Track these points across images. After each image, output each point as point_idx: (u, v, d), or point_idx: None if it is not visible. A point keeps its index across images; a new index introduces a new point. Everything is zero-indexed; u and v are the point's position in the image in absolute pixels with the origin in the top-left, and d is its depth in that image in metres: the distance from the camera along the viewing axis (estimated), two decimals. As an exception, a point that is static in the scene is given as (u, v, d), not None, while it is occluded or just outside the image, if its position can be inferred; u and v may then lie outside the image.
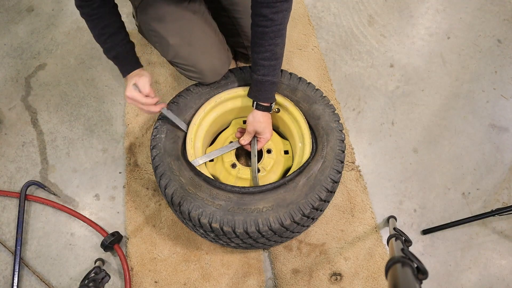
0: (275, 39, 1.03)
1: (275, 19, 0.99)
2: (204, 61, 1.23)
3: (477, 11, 1.85)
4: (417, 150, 1.49)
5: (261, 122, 1.17)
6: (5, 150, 1.47)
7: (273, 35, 1.02)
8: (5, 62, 1.67)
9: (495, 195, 1.41)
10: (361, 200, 1.36)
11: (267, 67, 1.08)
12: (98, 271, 1.02)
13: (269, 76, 1.10)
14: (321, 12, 1.83)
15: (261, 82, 1.11)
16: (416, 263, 0.63)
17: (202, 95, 1.23)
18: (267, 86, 1.12)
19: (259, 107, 1.16)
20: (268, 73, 1.09)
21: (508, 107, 1.59)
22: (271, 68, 1.09)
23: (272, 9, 0.97)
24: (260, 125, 1.17)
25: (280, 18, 0.99)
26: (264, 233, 0.99)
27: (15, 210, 1.34)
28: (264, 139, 1.21)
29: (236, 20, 1.37)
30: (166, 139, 1.13)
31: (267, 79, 1.10)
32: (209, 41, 1.26)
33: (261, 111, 1.16)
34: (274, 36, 1.02)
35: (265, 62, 1.07)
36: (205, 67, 1.23)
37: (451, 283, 1.26)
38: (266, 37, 1.02)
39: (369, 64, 1.68)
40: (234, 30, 1.40)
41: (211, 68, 1.24)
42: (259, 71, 1.09)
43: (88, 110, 1.55)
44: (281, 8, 0.97)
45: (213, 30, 1.29)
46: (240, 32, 1.40)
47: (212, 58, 1.24)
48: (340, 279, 1.23)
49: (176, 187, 1.03)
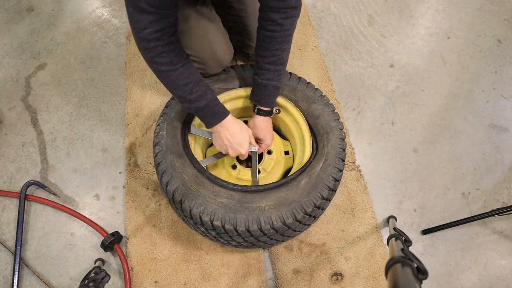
0: (283, 44, 1.03)
1: (284, 24, 0.98)
2: (207, 50, 1.22)
3: (477, 11, 1.85)
4: (417, 150, 1.49)
5: (263, 129, 1.17)
6: (5, 150, 1.47)
7: (281, 40, 1.01)
8: (5, 62, 1.67)
9: (495, 195, 1.41)
10: (361, 200, 1.36)
11: (272, 72, 1.07)
12: (98, 271, 1.02)
13: (274, 81, 1.09)
14: (321, 12, 1.83)
15: (265, 87, 1.10)
16: (416, 263, 0.63)
17: None
18: (270, 91, 1.11)
19: (260, 112, 1.15)
20: (273, 78, 1.08)
21: (508, 107, 1.60)
22: (276, 73, 1.08)
23: (282, 14, 0.96)
24: (262, 132, 1.17)
25: (288, 24, 0.99)
26: (266, 232, 0.99)
27: (15, 210, 1.34)
28: (265, 145, 1.21)
29: (240, 19, 1.36)
30: (168, 137, 1.13)
31: (271, 83, 1.09)
32: (213, 32, 1.25)
33: (262, 116, 1.15)
34: (282, 42, 1.02)
35: (270, 67, 1.06)
36: (208, 56, 1.22)
37: (451, 283, 1.26)
38: (273, 41, 1.02)
39: (369, 64, 1.68)
40: (235, 28, 1.40)
41: (214, 57, 1.23)
42: (264, 75, 1.08)
43: (88, 110, 1.55)
44: (291, 14, 0.97)
45: (217, 23, 1.29)
46: (242, 30, 1.39)
47: (215, 48, 1.23)
48: (341, 279, 1.23)
49: (178, 185, 1.03)
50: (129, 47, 1.68)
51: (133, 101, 1.54)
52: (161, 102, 1.53)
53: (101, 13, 1.81)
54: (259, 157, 1.23)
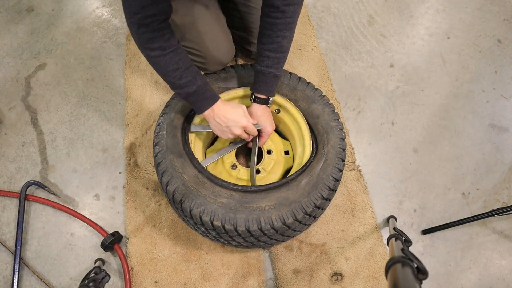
0: (284, 31, 1.03)
1: (286, 11, 0.99)
2: (209, 45, 1.23)
3: (477, 11, 1.85)
4: (417, 150, 1.49)
5: (260, 116, 1.16)
6: (5, 150, 1.47)
7: (282, 27, 1.02)
8: (5, 62, 1.67)
9: (495, 195, 1.41)
10: (361, 200, 1.36)
11: (271, 59, 1.07)
12: (98, 271, 1.02)
13: (272, 68, 1.09)
14: (321, 12, 1.83)
15: (263, 74, 1.10)
16: (416, 263, 0.63)
17: None
18: (268, 78, 1.11)
19: (256, 100, 1.14)
20: (272, 65, 1.08)
21: (508, 107, 1.60)
22: (275, 61, 1.08)
23: (284, 1, 0.97)
24: (259, 119, 1.16)
25: (291, 11, 0.99)
26: (266, 232, 0.99)
27: (15, 210, 1.34)
28: (266, 134, 1.19)
29: (245, 15, 1.36)
30: (168, 136, 1.12)
31: (270, 71, 1.09)
32: (216, 29, 1.26)
33: (259, 104, 1.15)
34: (283, 29, 1.02)
35: (270, 54, 1.07)
36: (209, 53, 1.23)
37: (451, 283, 1.26)
38: (275, 28, 1.02)
39: (369, 64, 1.68)
40: (241, 25, 1.40)
41: (215, 54, 1.24)
42: (263, 62, 1.08)
43: (88, 110, 1.55)
44: (293, 1, 0.97)
45: (221, 21, 1.29)
46: (246, 27, 1.40)
47: (217, 45, 1.24)
48: (341, 279, 1.23)
49: (178, 184, 1.03)
50: (129, 47, 1.68)
51: (133, 101, 1.54)
52: (161, 102, 1.53)
53: (101, 13, 1.81)
54: (259, 156, 1.23)
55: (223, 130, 1.10)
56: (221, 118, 1.07)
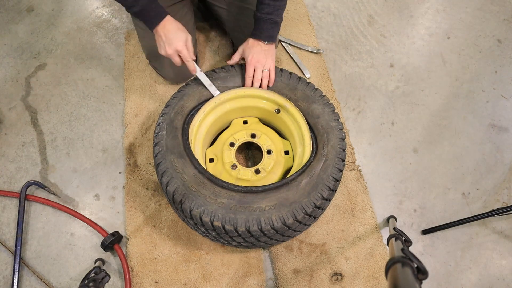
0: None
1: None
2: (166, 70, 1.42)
3: (477, 11, 1.85)
4: (417, 150, 1.49)
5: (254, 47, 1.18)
6: (5, 150, 1.47)
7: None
8: (5, 62, 1.67)
9: (495, 195, 1.41)
10: (361, 200, 1.36)
11: (271, 6, 1.12)
12: (98, 271, 1.02)
13: (273, 15, 1.13)
14: (321, 12, 1.83)
15: (264, 20, 1.14)
16: (416, 263, 0.63)
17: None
18: (269, 25, 1.15)
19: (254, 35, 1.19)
20: (272, 11, 1.13)
21: (508, 107, 1.60)
22: (275, 8, 1.13)
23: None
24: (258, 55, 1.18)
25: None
26: (267, 232, 0.99)
27: (15, 210, 1.34)
28: (266, 73, 1.20)
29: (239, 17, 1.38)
30: (168, 137, 1.13)
31: (270, 17, 1.13)
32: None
33: (257, 40, 1.18)
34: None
35: (270, 1, 1.11)
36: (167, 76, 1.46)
37: (451, 283, 1.26)
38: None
39: (369, 64, 1.68)
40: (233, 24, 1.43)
41: (172, 77, 1.43)
42: (263, 9, 1.13)
43: (88, 110, 1.55)
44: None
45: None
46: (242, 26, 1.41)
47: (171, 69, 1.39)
48: (341, 279, 1.23)
49: (178, 185, 1.03)
50: (128, 47, 1.68)
51: (132, 101, 1.54)
52: (161, 102, 1.53)
53: (101, 13, 1.81)
54: (259, 156, 1.23)
55: (160, 45, 1.15)
56: (161, 35, 1.13)
